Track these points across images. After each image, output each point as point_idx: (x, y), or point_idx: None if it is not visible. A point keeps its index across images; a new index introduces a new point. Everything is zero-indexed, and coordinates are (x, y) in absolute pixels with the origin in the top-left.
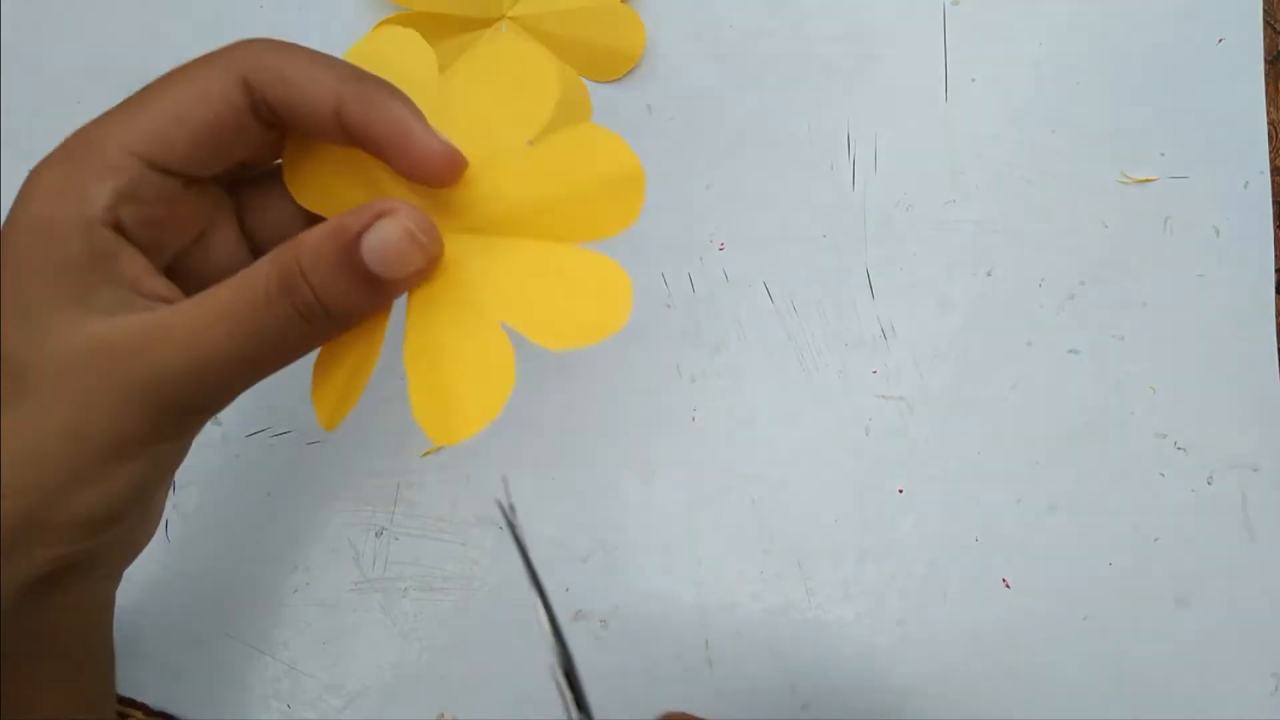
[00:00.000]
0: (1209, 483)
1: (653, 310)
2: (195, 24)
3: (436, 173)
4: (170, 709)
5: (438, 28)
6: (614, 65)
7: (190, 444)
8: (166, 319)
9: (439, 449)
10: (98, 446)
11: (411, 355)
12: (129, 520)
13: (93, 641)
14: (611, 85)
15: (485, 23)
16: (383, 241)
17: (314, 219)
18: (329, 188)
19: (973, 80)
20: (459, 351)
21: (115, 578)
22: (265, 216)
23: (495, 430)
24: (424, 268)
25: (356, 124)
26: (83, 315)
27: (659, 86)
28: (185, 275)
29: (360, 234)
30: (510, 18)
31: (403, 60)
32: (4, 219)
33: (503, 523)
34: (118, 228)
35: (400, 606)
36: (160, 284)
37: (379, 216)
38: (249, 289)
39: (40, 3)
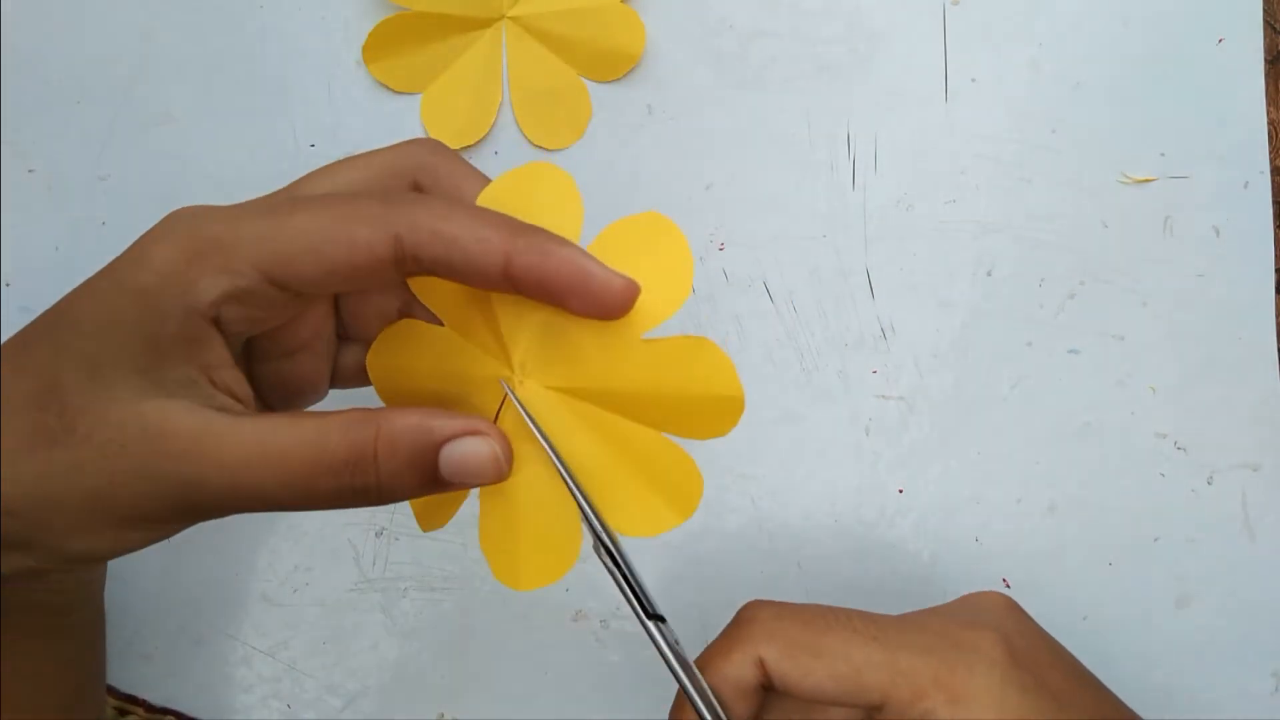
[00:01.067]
0: (1209, 483)
1: None
2: (195, 24)
3: (619, 306)
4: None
5: (438, 27)
6: (614, 65)
7: None
8: (223, 434)
9: None
10: (115, 516)
11: (488, 489)
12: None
13: (72, 620)
14: (611, 85)
15: (485, 23)
16: (466, 456)
17: (406, 311)
18: (447, 296)
19: (973, 80)
20: (534, 504)
21: (83, 575)
22: (361, 305)
23: None
24: (489, 484)
25: (529, 274)
26: (147, 390)
27: (659, 86)
28: (265, 343)
29: (444, 442)
30: (510, 18)
31: (550, 204)
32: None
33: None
34: (216, 321)
35: (400, 606)
36: (233, 378)
37: (470, 434)
38: (315, 450)
39: (40, 3)
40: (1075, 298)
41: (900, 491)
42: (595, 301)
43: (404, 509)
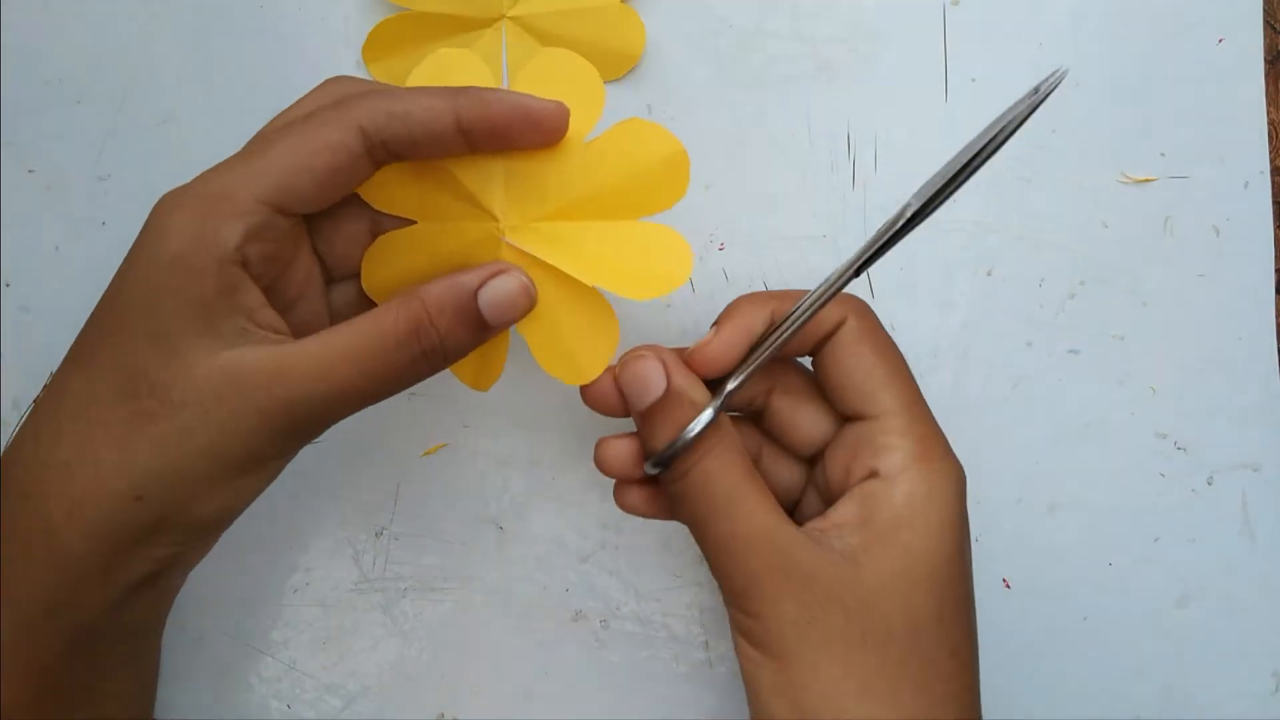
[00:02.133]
0: (1209, 483)
1: (653, 310)
2: (195, 23)
3: (557, 126)
4: (170, 709)
5: (438, 27)
6: (614, 65)
7: None
8: (297, 353)
9: (439, 448)
10: (232, 464)
11: (522, 324)
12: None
13: (154, 634)
14: (611, 85)
15: (485, 23)
16: (500, 293)
17: (376, 230)
18: (413, 195)
19: (973, 80)
20: (565, 312)
21: (187, 573)
22: (335, 238)
23: (495, 429)
24: (525, 314)
25: (479, 122)
26: (215, 345)
27: (659, 86)
28: (273, 297)
29: (478, 288)
30: (510, 18)
31: (466, 74)
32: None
33: None
34: (243, 264)
35: (400, 606)
36: (271, 316)
37: (496, 275)
38: (378, 332)
39: (40, 3)
40: (1075, 298)
41: None
42: (538, 128)
43: (404, 509)
